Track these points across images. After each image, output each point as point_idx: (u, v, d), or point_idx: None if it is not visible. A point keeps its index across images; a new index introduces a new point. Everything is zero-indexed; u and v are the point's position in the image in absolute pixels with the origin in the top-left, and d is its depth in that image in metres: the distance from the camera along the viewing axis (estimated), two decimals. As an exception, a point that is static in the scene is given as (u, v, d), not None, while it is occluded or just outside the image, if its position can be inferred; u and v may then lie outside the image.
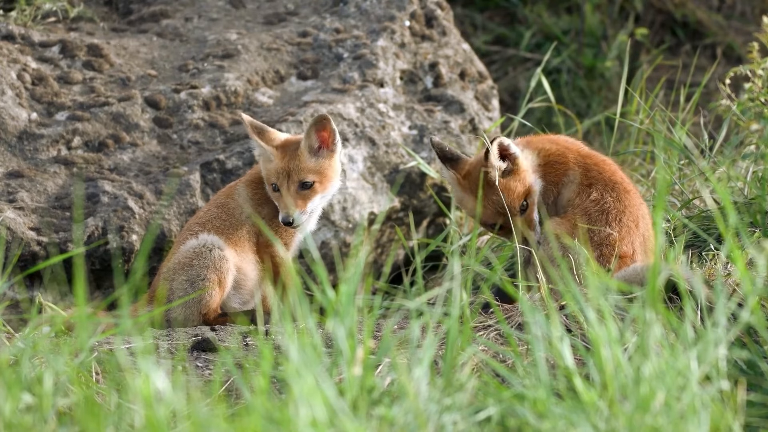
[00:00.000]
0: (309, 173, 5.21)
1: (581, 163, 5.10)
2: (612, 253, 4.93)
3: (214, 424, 3.28)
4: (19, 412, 3.53)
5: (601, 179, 5.06)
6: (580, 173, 5.07)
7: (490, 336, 4.66)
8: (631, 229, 5.00)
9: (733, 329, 3.64)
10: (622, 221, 5.00)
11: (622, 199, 5.03)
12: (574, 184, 5.07)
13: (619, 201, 5.01)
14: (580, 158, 5.12)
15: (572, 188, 5.07)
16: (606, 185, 5.05)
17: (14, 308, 5.74)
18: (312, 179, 5.21)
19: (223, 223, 5.28)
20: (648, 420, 3.34)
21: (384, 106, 6.56)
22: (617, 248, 4.95)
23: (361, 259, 3.71)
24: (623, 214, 5.02)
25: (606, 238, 4.97)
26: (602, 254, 4.97)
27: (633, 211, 5.02)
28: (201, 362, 4.77)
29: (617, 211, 5.01)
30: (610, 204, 5.02)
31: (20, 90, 6.31)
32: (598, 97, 9.51)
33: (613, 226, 4.98)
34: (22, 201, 5.90)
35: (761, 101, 6.23)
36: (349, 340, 3.52)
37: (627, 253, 4.97)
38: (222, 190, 5.46)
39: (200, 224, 5.28)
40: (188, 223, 5.39)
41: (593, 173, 5.08)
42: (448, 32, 6.97)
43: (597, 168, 5.09)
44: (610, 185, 5.05)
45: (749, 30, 9.87)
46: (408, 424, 3.42)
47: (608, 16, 9.91)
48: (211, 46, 6.68)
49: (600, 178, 5.06)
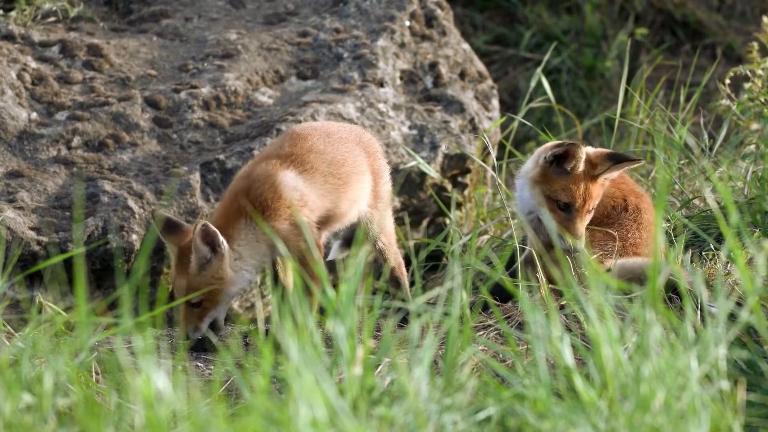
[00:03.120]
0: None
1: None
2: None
3: (214, 424, 3.28)
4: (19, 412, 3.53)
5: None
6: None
7: (490, 336, 4.66)
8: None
9: (733, 329, 3.64)
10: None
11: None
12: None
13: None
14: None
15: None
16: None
17: (14, 308, 5.74)
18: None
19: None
20: (648, 420, 3.34)
21: (384, 106, 6.56)
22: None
23: (361, 259, 3.71)
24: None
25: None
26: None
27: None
28: (201, 362, 4.77)
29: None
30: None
31: (20, 90, 6.31)
32: (598, 97, 9.51)
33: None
34: (22, 201, 5.90)
35: (761, 101, 6.22)
36: (349, 339, 3.52)
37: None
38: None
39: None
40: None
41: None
42: (448, 32, 6.97)
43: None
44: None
45: (749, 30, 9.87)
46: (408, 424, 3.42)
47: (608, 16, 9.91)
48: (211, 46, 6.68)
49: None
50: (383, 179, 5.13)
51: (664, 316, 3.58)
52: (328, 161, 4.94)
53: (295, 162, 4.91)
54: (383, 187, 5.13)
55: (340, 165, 4.96)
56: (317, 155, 4.94)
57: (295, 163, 4.91)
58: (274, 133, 6.20)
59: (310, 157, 4.93)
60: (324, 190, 4.92)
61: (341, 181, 4.95)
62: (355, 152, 5.02)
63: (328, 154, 4.96)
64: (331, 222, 4.97)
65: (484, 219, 6.58)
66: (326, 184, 4.92)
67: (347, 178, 4.97)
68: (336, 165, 4.96)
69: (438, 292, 4.24)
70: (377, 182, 5.09)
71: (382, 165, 5.15)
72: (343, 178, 4.96)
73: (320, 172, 4.94)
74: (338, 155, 4.97)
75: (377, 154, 5.14)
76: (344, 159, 4.98)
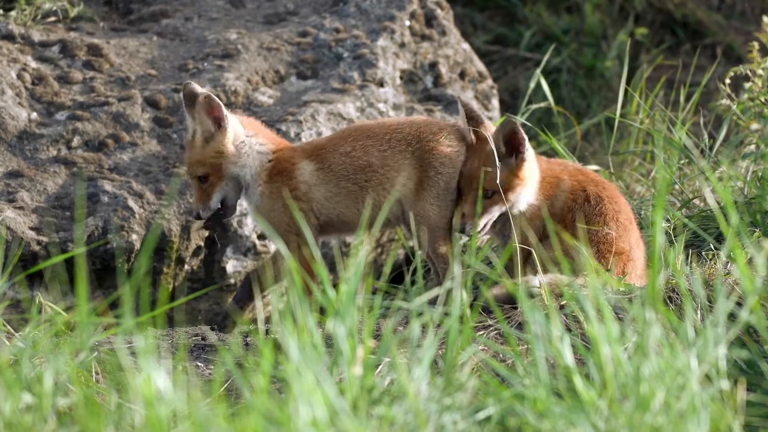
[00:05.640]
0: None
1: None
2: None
3: (214, 424, 3.28)
4: (19, 411, 3.53)
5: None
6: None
7: (490, 336, 4.66)
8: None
9: (733, 329, 3.64)
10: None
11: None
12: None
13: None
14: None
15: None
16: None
17: (15, 308, 5.74)
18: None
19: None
20: (648, 419, 3.34)
21: (384, 106, 6.56)
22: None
23: (361, 259, 3.71)
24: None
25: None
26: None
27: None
28: (201, 362, 4.77)
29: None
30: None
31: (20, 90, 6.32)
32: (598, 97, 9.51)
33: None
34: (22, 201, 5.90)
35: (761, 101, 6.23)
36: (349, 339, 3.52)
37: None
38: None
39: None
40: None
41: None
42: (448, 32, 6.97)
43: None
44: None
45: (749, 30, 9.87)
46: (408, 424, 3.42)
47: (608, 16, 9.91)
48: (211, 46, 6.68)
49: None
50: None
51: (663, 315, 3.58)
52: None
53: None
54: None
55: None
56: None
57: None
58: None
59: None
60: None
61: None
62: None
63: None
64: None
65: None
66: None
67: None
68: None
69: (438, 291, 4.25)
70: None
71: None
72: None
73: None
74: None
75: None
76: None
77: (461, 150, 4.97)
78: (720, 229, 5.21)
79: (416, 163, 4.96)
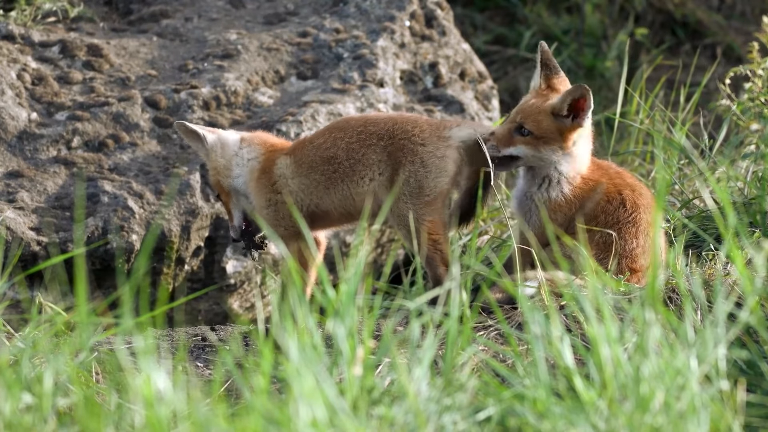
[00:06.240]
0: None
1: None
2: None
3: (214, 424, 3.28)
4: (19, 412, 3.53)
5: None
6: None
7: (490, 336, 4.66)
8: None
9: (732, 329, 3.64)
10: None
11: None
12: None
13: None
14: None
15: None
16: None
17: (15, 308, 5.74)
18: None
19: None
20: (648, 420, 3.34)
21: (384, 106, 6.56)
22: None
23: (361, 259, 3.71)
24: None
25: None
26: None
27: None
28: (201, 362, 4.77)
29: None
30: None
31: (20, 90, 6.32)
32: (598, 97, 9.51)
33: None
34: (22, 201, 5.90)
35: (761, 101, 6.23)
36: (349, 340, 3.52)
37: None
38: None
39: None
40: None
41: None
42: (448, 32, 6.97)
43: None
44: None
45: (749, 30, 9.87)
46: (408, 424, 3.42)
47: (608, 16, 9.91)
48: (211, 46, 6.68)
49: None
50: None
51: (663, 316, 3.58)
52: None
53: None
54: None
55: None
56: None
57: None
58: (273, 133, 6.20)
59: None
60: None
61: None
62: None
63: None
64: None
65: (484, 219, 6.58)
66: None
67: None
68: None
69: (438, 292, 4.25)
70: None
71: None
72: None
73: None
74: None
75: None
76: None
77: (436, 150, 4.89)
78: (720, 229, 5.21)
79: (387, 158, 4.90)
